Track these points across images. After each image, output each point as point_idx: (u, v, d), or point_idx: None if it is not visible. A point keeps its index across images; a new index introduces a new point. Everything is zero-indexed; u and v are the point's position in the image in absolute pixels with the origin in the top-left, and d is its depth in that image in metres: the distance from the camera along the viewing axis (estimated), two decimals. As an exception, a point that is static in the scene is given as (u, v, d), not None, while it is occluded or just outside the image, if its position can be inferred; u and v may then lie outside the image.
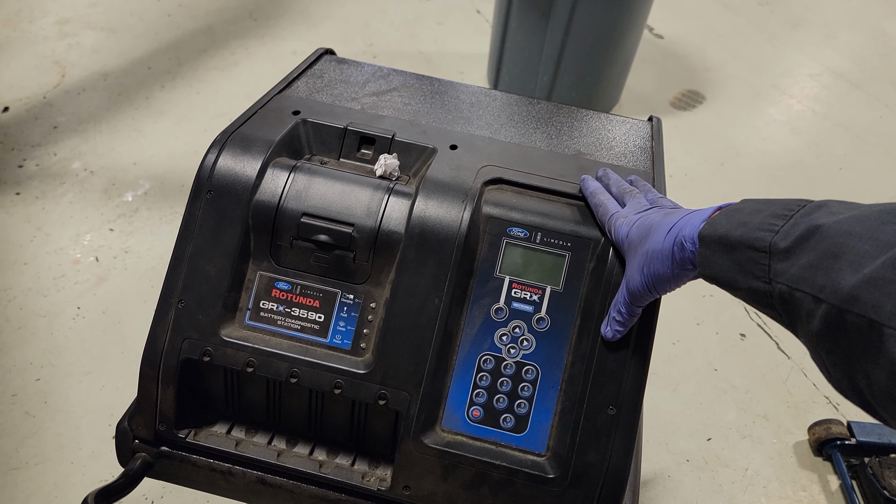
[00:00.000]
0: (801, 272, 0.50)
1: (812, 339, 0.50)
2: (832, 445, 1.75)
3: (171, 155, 2.47)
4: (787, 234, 0.52)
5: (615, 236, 0.72)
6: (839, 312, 0.46)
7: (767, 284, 0.53)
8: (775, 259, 0.52)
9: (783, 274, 0.51)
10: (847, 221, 0.49)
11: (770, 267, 0.53)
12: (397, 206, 0.77)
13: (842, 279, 0.46)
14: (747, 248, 0.55)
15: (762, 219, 0.55)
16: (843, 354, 0.47)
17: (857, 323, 0.45)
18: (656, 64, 3.32)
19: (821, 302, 0.48)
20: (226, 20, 3.22)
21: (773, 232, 0.53)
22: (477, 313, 0.76)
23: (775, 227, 0.53)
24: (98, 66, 2.85)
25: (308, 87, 0.96)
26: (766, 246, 0.53)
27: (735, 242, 0.56)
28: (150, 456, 0.79)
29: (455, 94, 1.01)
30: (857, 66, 3.50)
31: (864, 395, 0.47)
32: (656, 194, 0.76)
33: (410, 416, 0.74)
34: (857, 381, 0.47)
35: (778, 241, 0.52)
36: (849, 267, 0.46)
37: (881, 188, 2.74)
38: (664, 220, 0.66)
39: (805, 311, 0.49)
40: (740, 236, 0.55)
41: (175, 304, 0.76)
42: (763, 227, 0.54)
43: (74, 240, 2.13)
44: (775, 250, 0.52)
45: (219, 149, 0.79)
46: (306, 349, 0.76)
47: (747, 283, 0.55)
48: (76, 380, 1.77)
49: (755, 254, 0.54)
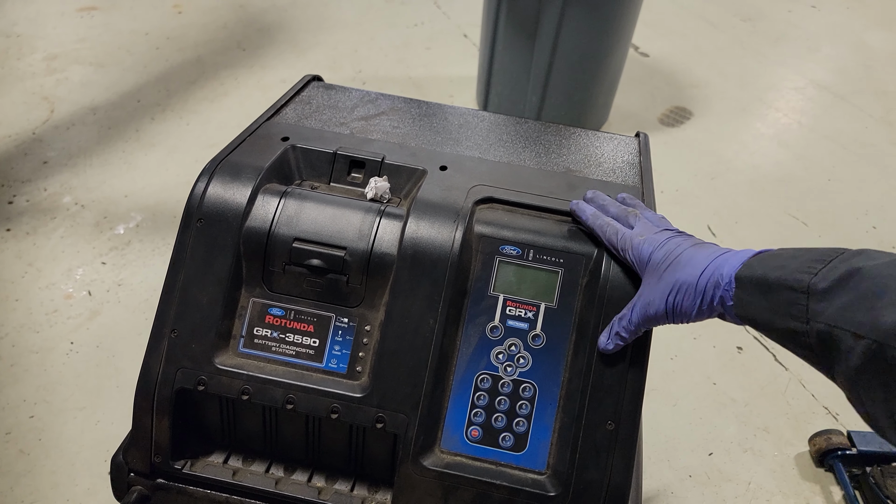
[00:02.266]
0: (840, 311, 0.52)
1: (850, 375, 0.51)
2: (833, 456, 1.74)
3: (162, 186, 2.47)
4: (825, 276, 0.54)
5: (634, 254, 0.72)
6: (880, 347, 0.48)
7: (805, 324, 0.55)
8: (814, 300, 0.54)
9: (822, 313, 0.53)
10: (887, 266, 0.51)
11: (808, 307, 0.55)
12: (389, 228, 0.77)
13: (883, 316, 0.48)
14: (786, 290, 0.57)
15: (800, 263, 0.57)
16: (882, 390, 0.49)
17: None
18: (643, 82, 3.35)
19: (861, 338, 0.50)
20: (214, 51, 3.25)
21: (812, 274, 0.55)
22: (472, 332, 0.76)
23: (814, 269, 0.56)
24: (87, 100, 2.86)
25: (296, 113, 0.96)
26: (804, 287, 0.55)
27: (773, 284, 0.58)
28: (146, 489, 0.78)
29: (443, 115, 1.01)
30: (841, 79, 3.54)
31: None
32: (655, 214, 0.77)
33: (409, 439, 0.73)
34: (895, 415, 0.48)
35: (817, 282, 0.54)
36: (890, 305, 0.48)
37: (869, 198, 2.76)
38: (697, 253, 0.67)
39: (844, 348, 0.51)
40: (778, 278, 0.57)
41: (168, 334, 0.76)
42: (802, 269, 0.56)
43: (66, 274, 2.12)
44: (814, 291, 0.54)
45: (208, 177, 0.79)
46: (302, 375, 0.76)
47: (784, 323, 0.57)
48: (71, 416, 1.75)
49: (793, 294, 0.56)
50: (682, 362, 2.03)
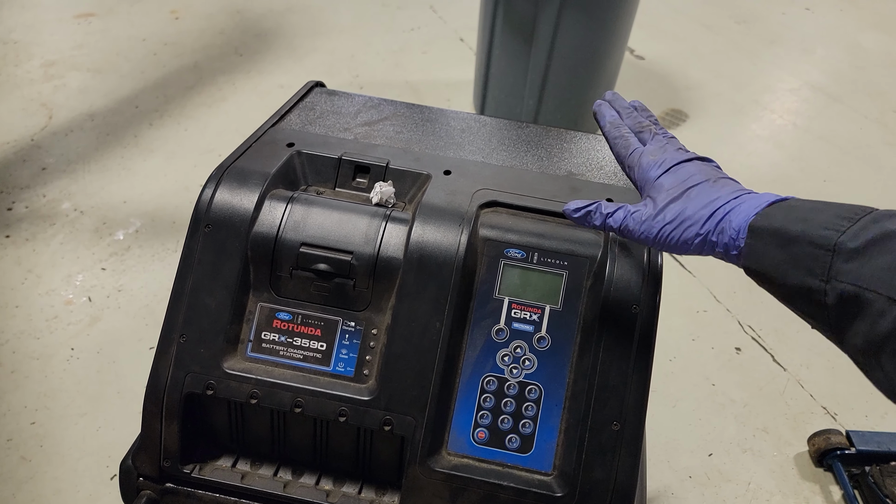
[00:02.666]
0: (876, 273, 0.50)
1: (874, 339, 0.50)
2: (832, 456, 1.75)
3: (161, 192, 2.48)
4: (855, 235, 0.52)
5: (641, 174, 0.69)
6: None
7: (824, 283, 0.53)
8: (840, 258, 0.52)
9: (849, 273, 0.51)
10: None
11: (832, 265, 0.52)
12: (395, 232, 0.78)
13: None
14: (807, 244, 0.54)
15: (826, 218, 0.55)
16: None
17: None
18: (639, 84, 3.37)
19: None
20: (212, 57, 3.25)
21: (839, 231, 0.53)
22: (478, 335, 0.77)
23: (841, 227, 0.53)
24: (85, 106, 2.86)
25: (300, 119, 0.97)
26: (830, 244, 0.53)
27: (793, 237, 0.55)
28: (155, 493, 0.79)
29: (446, 120, 1.02)
30: (835, 80, 3.56)
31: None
32: (667, 132, 0.74)
33: (416, 441, 0.74)
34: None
35: (845, 241, 0.52)
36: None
37: (865, 199, 2.77)
38: (708, 190, 0.64)
39: (874, 311, 0.49)
40: (800, 231, 0.55)
41: (177, 339, 0.77)
42: (827, 225, 0.54)
43: (66, 280, 2.12)
44: (841, 249, 0.52)
45: (215, 183, 0.80)
46: (309, 378, 0.76)
47: (800, 279, 0.54)
48: (72, 422, 1.75)
49: (816, 250, 0.53)
50: (681, 363, 2.04)
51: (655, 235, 0.65)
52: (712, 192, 0.63)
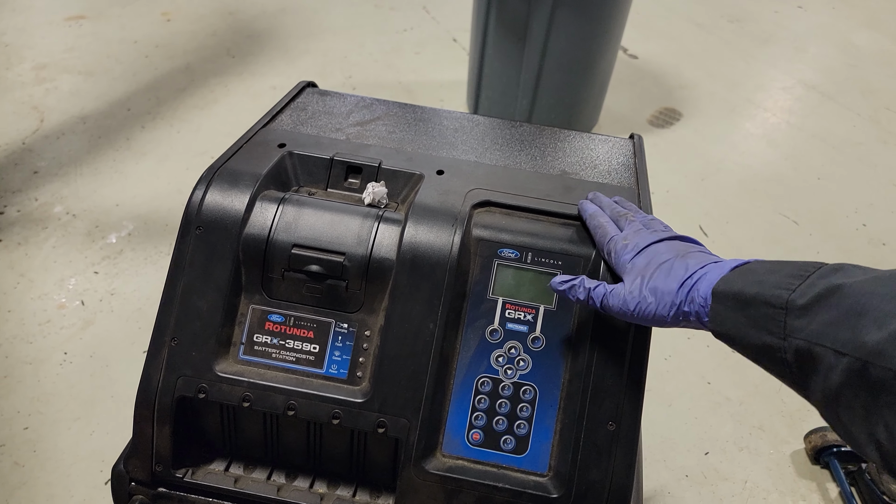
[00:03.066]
0: (821, 328, 0.51)
1: (829, 393, 0.51)
2: (829, 453, 1.75)
3: (154, 195, 2.47)
4: (804, 292, 0.54)
5: (615, 259, 0.72)
6: (863, 365, 0.48)
7: (782, 340, 0.55)
8: (792, 316, 0.54)
9: (801, 330, 0.53)
10: (869, 283, 0.51)
11: (786, 323, 0.54)
12: (387, 232, 0.77)
13: (866, 335, 0.48)
14: (762, 305, 0.56)
15: (778, 278, 0.57)
16: (862, 408, 0.49)
17: (882, 376, 0.47)
18: (632, 84, 3.37)
19: (843, 356, 0.49)
20: (204, 58, 3.24)
21: (790, 290, 0.55)
22: (472, 336, 0.76)
23: (792, 285, 0.55)
24: (77, 109, 2.85)
25: (292, 119, 0.96)
26: (783, 303, 0.55)
27: (750, 299, 0.58)
28: (147, 498, 0.78)
29: (438, 120, 1.02)
30: (828, 78, 3.57)
31: (883, 450, 0.48)
32: (646, 216, 0.78)
33: (410, 443, 0.73)
34: (877, 435, 0.48)
35: (795, 298, 0.54)
36: (873, 324, 0.48)
37: (858, 196, 2.79)
38: (677, 265, 0.67)
39: (825, 366, 0.51)
40: (756, 294, 0.57)
41: (168, 342, 0.76)
42: (780, 285, 0.56)
43: (59, 284, 2.11)
44: (792, 307, 0.54)
45: (206, 184, 0.79)
46: (302, 381, 0.76)
47: (760, 338, 0.57)
48: (65, 426, 1.74)
49: (771, 310, 0.56)
50: (677, 362, 2.04)
51: (633, 311, 0.67)
52: (681, 266, 0.67)
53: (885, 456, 0.48)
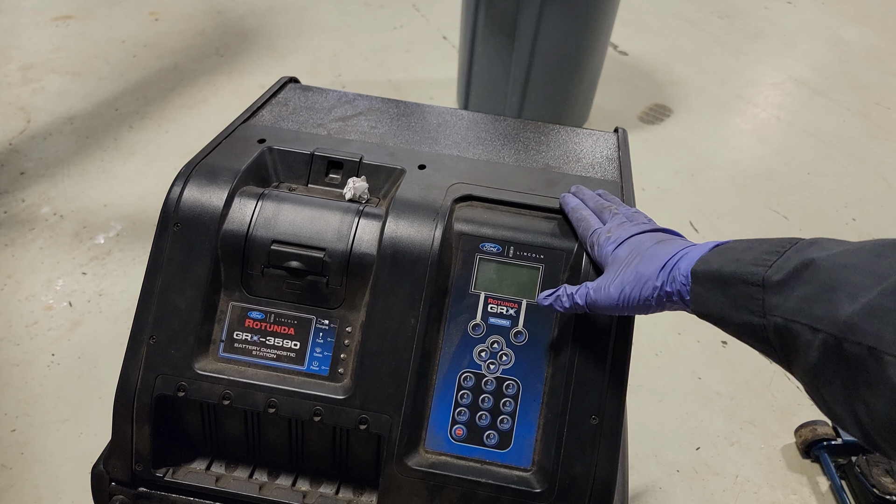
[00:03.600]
0: (797, 304, 0.51)
1: (809, 370, 0.50)
2: (819, 446, 1.75)
3: (142, 195, 2.45)
4: (780, 268, 0.53)
5: (598, 252, 0.72)
6: (837, 342, 0.47)
7: (762, 318, 0.54)
8: (769, 293, 0.53)
9: (778, 307, 0.52)
10: (841, 255, 0.50)
11: (764, 301, 0.54)
12: (368, 228, 0.77)
13: (840, 309, 0.47)
14: (740, 283, 0.56)
15: (755, 255, 0.56)
16: (841, 385, 0.48)
17: (856, 351, 0.46)
18: (622, 80, 3.37)
19: (818, 332, 0.49)
20: (192, 58, 3.23)
21: (766, 266, 0.54)
22: (454, 331, 0.75)
23: (768, 262, 0.55)
24: (64, 109, 2.83)
25: (273, 115, 0.96)
26: (759, 280, 0.54)
27: (728, 278, 0.57)
28: (127, 498, 0.77)
29: (421, 115, 1.01)
30: (818, 74, 3.58)
31: (863, 426, 0.47)
32: (629, 209, 0.77)
33: (393, 440, 0.72)
34: (856, 411, 0.47)
35: (771, 274, 0.53)
36: (846, 298, 0.47)
37: (848, 191, 2.79)
38: (658, 249, 0.66)
39: (803, 343, 0.50)
40: (733, 272, 0.57)
41: (146, 341, 0.75)
42: (756, 262, 0.55)
43: (46, 286, 2.09)
44: (768, 284, 0.53)
45: (184, 181, 0.78)
46: (283, 378, 0.75)
47: (741, 317, 0.56)
48: (53, 428, 1.73)
49: (749, 288, 0.55)
50: (668, 358, 2.03)
51: (617, 299, 0.66)
52: (662, 250, 0.66)
53: (866, 432, 0.47)
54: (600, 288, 0.68)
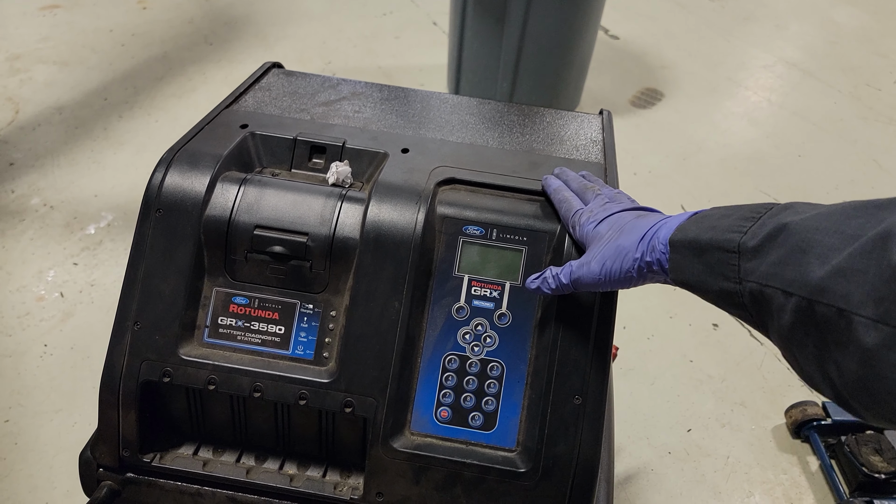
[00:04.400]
0: (770, 268, 0.51)
1: (784, 334, 0.51)
2: (809, 427, 1.76)
3: (132, 185, 2.44)
4: (755, 234, 0.53)
5: (580, 232, 0.72)
6: (809, 304, 0.47)
7: (738, 284, 0.54)
8: (744, 258, 0.54)
9: (753, 272, 0.53)
10: (813, 218, 0.50)
11: (740, 267, 0.54)
12: (351, 212, 0.77)
13: (810, 272, 0.47)
14: (717, 250, 0.56)
15: (731, 222, 0.56)
16: (813, 347, 0.48)
17: (826, 313, 0.46)
18: (614, 64, 3.36)
19: (791, 295, 0.49)
20: (181, 47, 3.21)
21: (742, 233, 0.55)
22: (438, 314, 0.76)
23: (743, 228, 0.55)
24: (52, 100, 2.81)
25: (256, 100, 0.95)
26: (734, 246, 0.55)
27: (705, 245, 0.57)
28: (116, 483, 0.77)
29: (406, 99, 1.01)
30: (809, 56, 3.57)
31: (836, 387, 0.48)
32: (612, 190, 0.77)
33: (378, 422, 0.73)
34: (828, 372, 0.48)
35: (746, 241, 0.54)
36: (816, 260, 0.47)
37: (839, 173, 2.80)
38: (638, 222, 0.67)
39: (776, 307, 0.50)
40: (709, 239, 0.57)
41: (131, 327, 0.75)
42: (732, 229, 0.56)
43: (37, 276, 2.09)
44: (744, 250, 0.54)
45: (166, 166, 0.78)
46: (268, 362, 0.75)
47: (718, 284, 0.56)
48: (47, 418, 1.73)
49: (725, 255, 0.55)
50: (659, 341, 2.04)
51: (599, 274, 0.67)
52: (641, 223, 0.67)
53: (839, 393, 0.48)
54: (583, 265, 0.68)
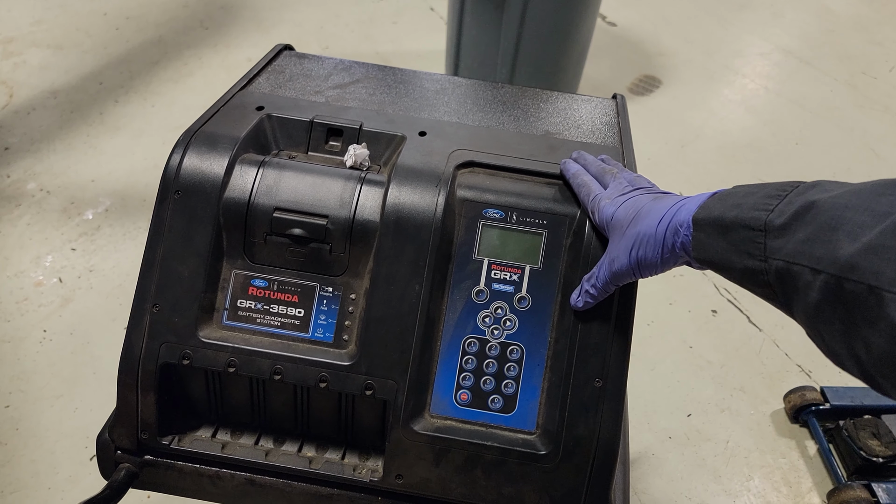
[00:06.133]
0: (798, 246, 0.51)
1: (810, 312, 0.51)
2: (808, 412, 1.78)
3: (130, 170, 2.43)
4: (781, 212, 0.53)
5: (599, 216, 0.72)
6: (838, 281, 0.47)
7: (763, 262, 0.54)
8: (771, 237, 0.53)
9: (780, 250, 0.52)
10: (842, 196, 0.50)
11: (766, 245, 0.54)
12: (370, 195, 0.76)
13: (840, 249, 0.47)
14: (742, 228, 0.56)
15: (756, 200, 0.56)
16: (841, 324, 0.48)
17: (855, 290, 0.46)
18: (612, 51, 3.35)
19: (819, 273, 0.49)
20: (176, 30, 3.17)
21: (768, 211, 0.54)
22: (458, 297, 0.76)
23: (770, 206, 0.55)
24: (47, 84, 2.78)
25: (270, 82, 0.94)
26: (761, 225, 0.54)
27: (730, 223, 0.57)
28: (133, 466, 0.77)
29: (419, 82, 1.00)
30: (805, 44, 3.58)
31: (863, 365, 0.48)
32: (632, 173, 0.77)
33: (398, 405, 0.73)
34: (856, 350, 0.48)
35: (773, 219, 0.53)
36: (846, 237, 0.47)
37: (836, 161, 2.81)
38: (656, 204, 0.67)
39: (803, 285, 0.50)
40: (735, 217, 0.56)
41: (149, 309, 0.75)
42: (758, 206, 0.55)
43: (35, 262, 2.08)
44: (770, 228, 0.53)
45: (183, 148, 0.78)
46: (288, 345, 0.75)
47: (742, 262, 0.56)
48: (48, 404, 1.73)
49: (750, 233, 0.55)
50: (659, 328, 2.06)
51: (629, 265, 0.67)
52: (658, 205, 0.66)
53: (866, 371, 0.48)
54: (613, 260, 0.69)
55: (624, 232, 0.68)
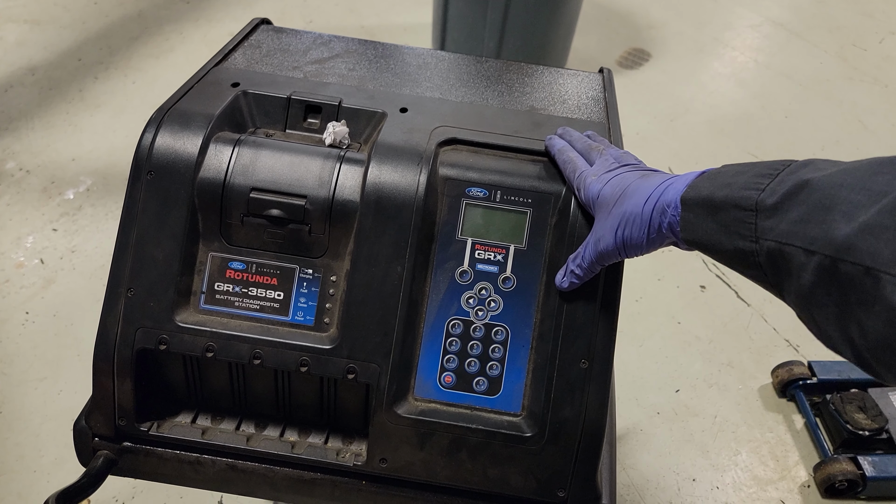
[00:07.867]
0: (791, 227, 0.49)
1: (803, 294, 0.49)
2: (795, 386, 1.79)
3: (111, 149, 2.38)
4: (773, 191, 0.51)
5: (585, 194, 0.70)
6: (833, 262, 0.46)
7: (754, 243, 0.52)
8: (762, 217, 0.52)
9: (771, 230, 0.51)
10: (837, 175, 0.48)
11: (757, 225, 0.52)
12: (350, 173, 0.74)
13: (835, 229, 0.46)
14: (732, 208, 0.54)
15: (747, 179, 0.54)
16: (835, 307, 0.47)
17: (851, 272, 0.44)
18: (600, 24, 3.31)
19: (813, 254, 0.47)
20: (157, 5, 3.11)
21: (759, 190, 0.52)
22: (441, 278, 0.74)
23: (761, 185, 0.53)
24: (24, 60, 2.72)
25: (246, 58, 0.92)
26: (752, 204, 0.52)
27: (719, 203, 0.55)
28: (112, 453, 0.76)
29: (401, 57, 0.98)
30: (796, 16, 3.55)
31: (857, 348, 0.46)
32: (618, 150, 0.75)
33: (381, 388, 0.72)
34: (850, 332, 0.46)
35: (765, 198, 0.52)
36: (842, 217, 0.46)
37: (825, 134, 2.80)
38: (643, 183, 0.65)
39: (796, 266, 0.49)
40: (725, 197, 0.55)
41: (124, 293, 0.73)
42: (748, 186, 0.53)
43: (16, 243, 2.04)
44: (762, 208, 0.52)
45: (156, 126, 0.75)
46: (267, 329, 0.73)
47: (732, 243, 0.54)
48: (31, 387, 1.71)
49: (741, 213, 0.53)
50: (647, 304, 2.05)
51: (615, 245, 0.66)
52: (645, 183, 0.65)
53: (859, 354, 0.46)
54: (598, 240, 0.67)
55: (610, 211, 0.66)
